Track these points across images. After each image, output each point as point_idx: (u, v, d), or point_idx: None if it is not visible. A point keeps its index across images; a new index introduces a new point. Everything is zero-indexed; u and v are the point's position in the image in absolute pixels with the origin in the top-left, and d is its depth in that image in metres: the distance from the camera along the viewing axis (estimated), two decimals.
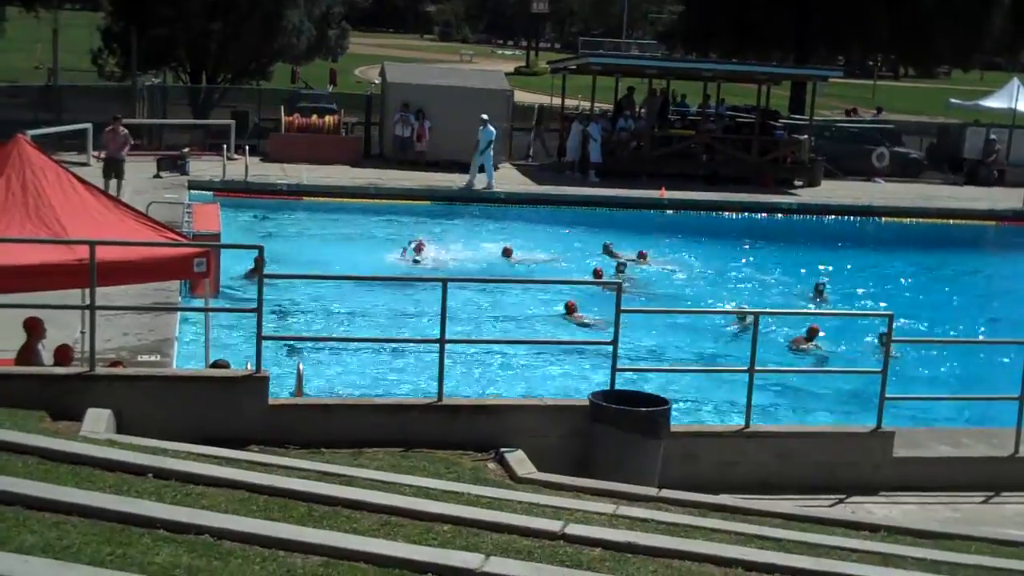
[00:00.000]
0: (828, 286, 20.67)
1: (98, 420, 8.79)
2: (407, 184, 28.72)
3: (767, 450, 10.63)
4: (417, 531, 6.83)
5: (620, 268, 21.17)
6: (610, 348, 10.37)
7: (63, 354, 11.06)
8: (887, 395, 10.81)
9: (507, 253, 22.98)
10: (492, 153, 29.05)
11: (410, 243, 22.17)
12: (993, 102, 37.90)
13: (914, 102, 63.72)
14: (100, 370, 9.64)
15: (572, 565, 6.58)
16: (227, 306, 15.83)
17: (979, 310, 20.16)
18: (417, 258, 21.82)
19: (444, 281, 10.09)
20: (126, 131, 24.78)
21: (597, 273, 20.61)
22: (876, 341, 16.47)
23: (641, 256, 23.16)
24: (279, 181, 28.18)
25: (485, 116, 28.90)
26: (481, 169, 28.86)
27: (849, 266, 23.91)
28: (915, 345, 17.08)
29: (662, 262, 23.33)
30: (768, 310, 18.07)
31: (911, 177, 36.00)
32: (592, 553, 6.82)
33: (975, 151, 36.52)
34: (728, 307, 19.40)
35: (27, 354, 10.85)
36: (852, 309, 19.94)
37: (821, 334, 17.33)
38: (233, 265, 18.01)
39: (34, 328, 11.04)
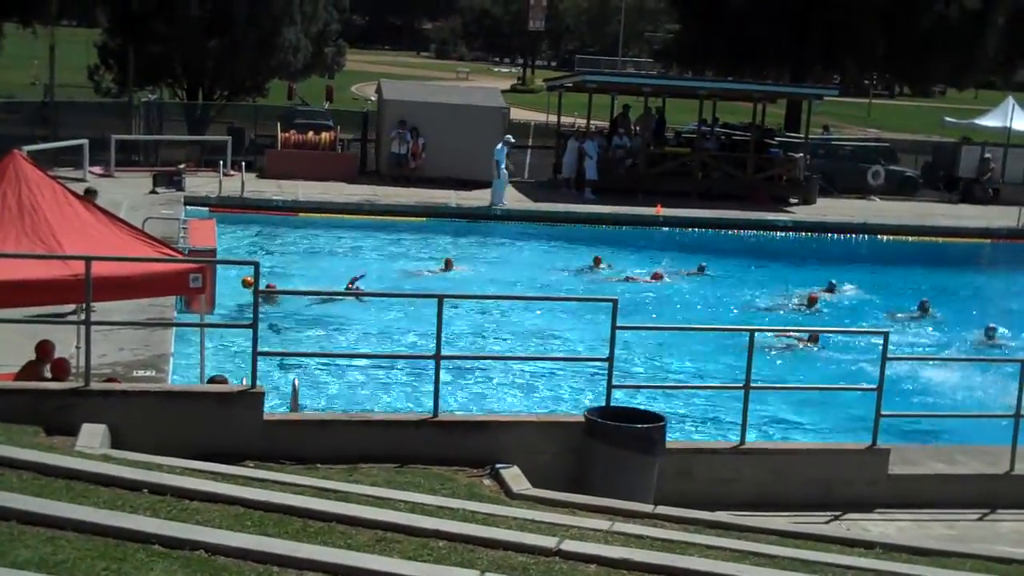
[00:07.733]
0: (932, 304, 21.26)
1: (93, 435, 8.77)
2: (402, 200, 28.75)
3: (762, 467, 10.64)
4: (412, 547, 6.82)
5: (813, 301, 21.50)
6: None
7: (60, 367, 11.06)
8: (883, 412, 10.82)
9: (596, 262, 23.60)
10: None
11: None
12: (988, 121, 37.98)
13: (909, 120, 63.89)
14: (95, 385, 9.63)
15: None
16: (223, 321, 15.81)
17: (974, 328, 20.15)
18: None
19: (440, 297, 10.14)
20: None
21: (812, 299, 21.41)
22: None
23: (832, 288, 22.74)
24: (275, 197, 28.20)
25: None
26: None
27: (845, 284, 23.89)
28: (910, 362, 17.11)
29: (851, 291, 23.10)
30: (762, 327, 18.05)
31: (906, 195, 36.08)
32: (587, 570, 6.82)
33: (970, 169, 36.62)
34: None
35: (30, 374, 10.85)
36: (848, 326, 19.97)
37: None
38: (229, 281, 17.99)
39: (46, 353, 11.07)
